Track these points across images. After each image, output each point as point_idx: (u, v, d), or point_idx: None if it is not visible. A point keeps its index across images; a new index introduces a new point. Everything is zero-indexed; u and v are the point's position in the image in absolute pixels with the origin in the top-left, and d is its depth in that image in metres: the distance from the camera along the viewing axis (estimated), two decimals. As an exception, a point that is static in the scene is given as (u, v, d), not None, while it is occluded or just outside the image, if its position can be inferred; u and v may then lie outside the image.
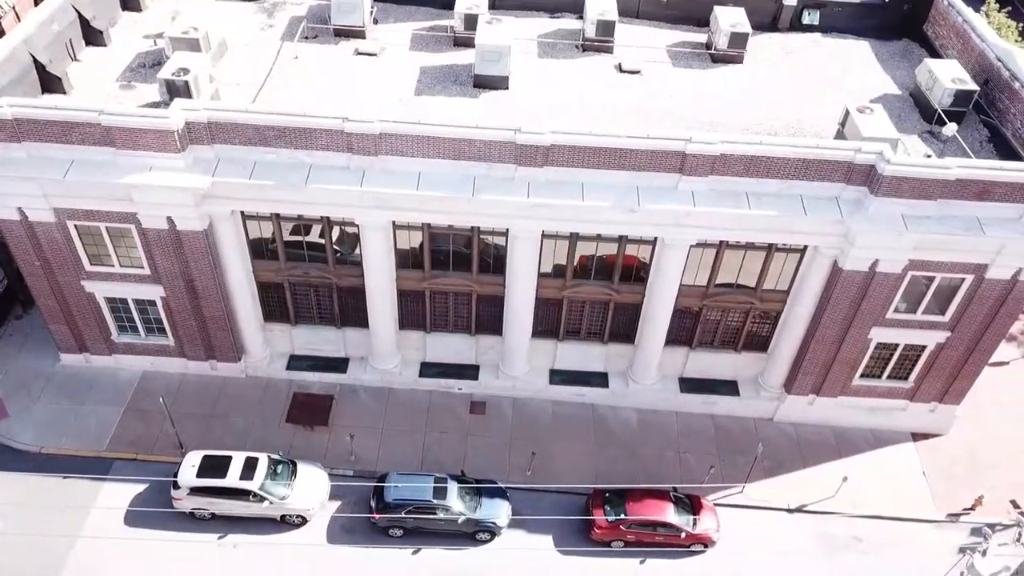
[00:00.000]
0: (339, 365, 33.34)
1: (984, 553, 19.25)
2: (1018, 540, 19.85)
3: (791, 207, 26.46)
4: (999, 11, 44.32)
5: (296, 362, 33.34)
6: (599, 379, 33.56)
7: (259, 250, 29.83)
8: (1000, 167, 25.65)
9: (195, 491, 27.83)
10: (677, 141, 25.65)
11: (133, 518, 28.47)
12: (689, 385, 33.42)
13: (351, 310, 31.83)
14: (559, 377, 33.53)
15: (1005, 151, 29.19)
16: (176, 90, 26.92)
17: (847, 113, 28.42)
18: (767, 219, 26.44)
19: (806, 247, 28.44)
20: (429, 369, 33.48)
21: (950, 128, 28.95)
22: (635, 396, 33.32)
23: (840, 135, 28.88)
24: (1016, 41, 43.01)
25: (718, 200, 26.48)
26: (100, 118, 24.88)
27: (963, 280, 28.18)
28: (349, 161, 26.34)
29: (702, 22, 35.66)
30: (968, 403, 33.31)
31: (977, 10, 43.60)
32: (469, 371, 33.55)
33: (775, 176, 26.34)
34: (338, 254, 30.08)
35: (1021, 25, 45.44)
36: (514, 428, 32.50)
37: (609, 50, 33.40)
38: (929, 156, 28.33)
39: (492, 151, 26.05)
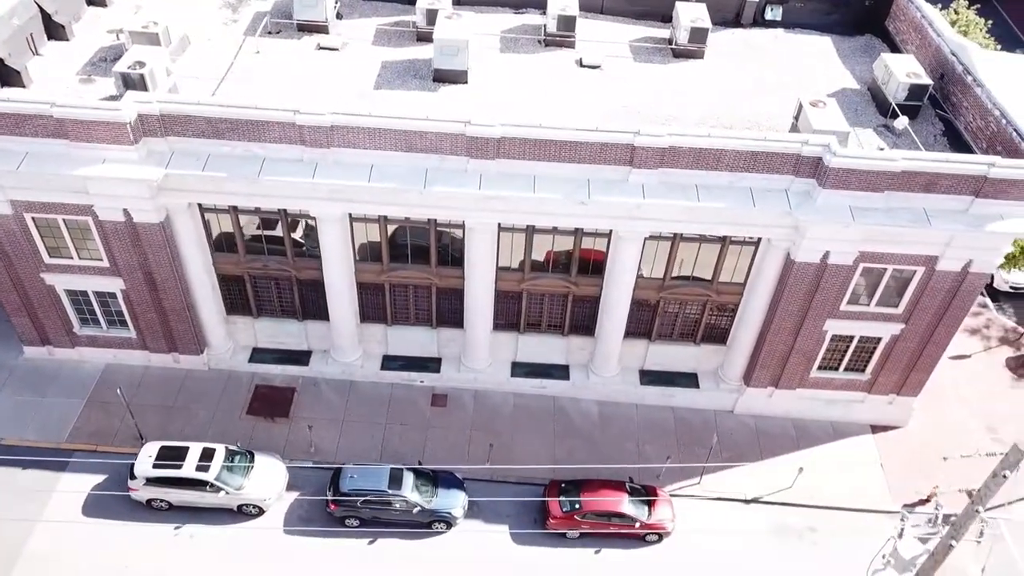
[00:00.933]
0: (301, 358, 33.50)
1: (901, 535, 19.46)
2: (935, 523, 20.06)
3: (741, 199, 26.66)
4: (968, 7, 44.48)
5: (259, 355, 33.50)
6: (560, 371, 33.77)
7: (218, 243, 30.02)
8: (945, 159, 25.83)
9: (151, 481, 27.99)
10: (625, 134, 25.84)
11: (91, 509, 28.63)
12: (649, 377, 33.61)
13: (312, 303, 32.00)
14: (521, 370, 33.72)
15: (958, 144, 29.46)
16: (131, 83, 27.08)
17: (800, 107, 28.65)
18: (717, 211, 26.65)
19: (760, 240, 28.69)
20: (391, 362, 33.63)
21: (901, 121, 29.21)
22: (596, 388, 33.51)
23: (795, 128, 29.10)
24: (984, 38, 43.18)
25: (668, 192, 26.66)
26: (52, 110, 25.03)
27: (915, 272, 28.36)
28: (302, 153, 26.50)
29: (666, 18, 35.89)
30: (929, 396, 33.55)
31: (946, 7, 43.98)
32: (432, 364, 33.73)
33: (725, 169, 26.56)
34: (303, 247, 30.27)
35: (990, 22, 45.63)
36: (475, 420, 32.68)
37: (571, 45, 33.61)
38: (883, 149, 28.56)
39: (444, 143, 26.23)
